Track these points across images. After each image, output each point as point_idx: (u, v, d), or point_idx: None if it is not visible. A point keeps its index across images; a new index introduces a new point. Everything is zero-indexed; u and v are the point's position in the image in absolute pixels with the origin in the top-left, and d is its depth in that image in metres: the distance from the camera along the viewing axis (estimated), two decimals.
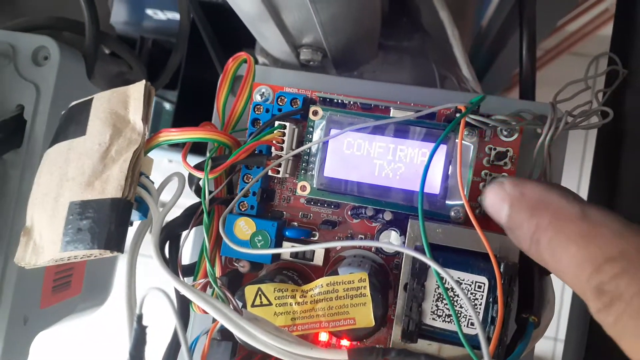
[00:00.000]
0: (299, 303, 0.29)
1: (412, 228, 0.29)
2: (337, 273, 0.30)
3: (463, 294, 0.25)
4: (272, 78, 0.36)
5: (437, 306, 0.28)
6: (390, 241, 0.32)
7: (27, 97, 0.39)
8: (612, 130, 0.36)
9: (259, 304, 0.29)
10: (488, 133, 0.32)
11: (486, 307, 0.27)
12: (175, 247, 0.32)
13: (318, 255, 0.34)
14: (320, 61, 0.42)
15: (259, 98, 0.35)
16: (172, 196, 0.30)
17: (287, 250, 0.33)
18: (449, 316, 0.28)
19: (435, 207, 0.31)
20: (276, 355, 0.26)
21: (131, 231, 0.28)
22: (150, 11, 0.79)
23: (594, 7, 1.12)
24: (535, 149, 0.31)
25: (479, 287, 0.27)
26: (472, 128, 0.31)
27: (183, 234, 0.32)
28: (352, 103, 0.34)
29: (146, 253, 0.27)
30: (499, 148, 0.32)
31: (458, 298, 0.27)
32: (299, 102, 0.34)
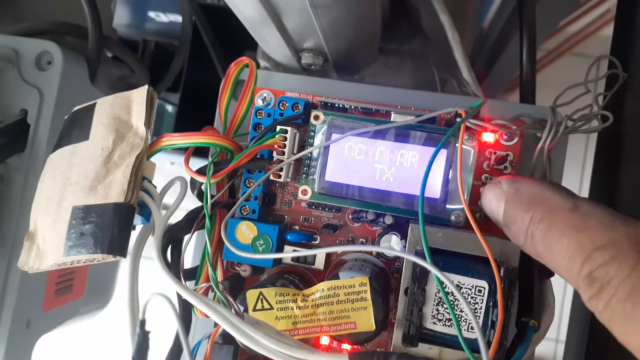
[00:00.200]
0: (300, 307, 0.29)
1: (413, 232, 0.29)
2: (338, 277, 0.30)
3: (462, 299, 0.25)
4: (274, 82, 0.36)
5: (438, 310, 0.28)
6: (391, 245, 0.32)
7: (31, 102, 0.40)
8: (613, 133, 0.36)
9: (261, 308, 0.29)
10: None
11: (486, 311, 0.27)
12: (177, 251, 0.32)
13: (319, 259, 0.34)
14: (321, 65, 0.42)
15: (261, 102, 0.35)
16: (175, 200, 0.30)
17: (289, 255, 0.33)
18: (450, 320, 0.28)
19: (435, 211, 0.31)
20: (278, 359, 0.27)
21: (133, 235, 0.29)
22: (152, 14, 0.79)
23: (596, 8, 1.12)
24: (535, 153, 0.31)
25: (479, 291, 0.28)
26: (472, 132, 0.31)
27: (185, 238, 0.32)
28: (353, 107, 0.34)
29: (148, 255, 0.28)
30: (499, 152, 0.33)
31: (458, 302, 0.27)
32: (301, 107, 0.34)
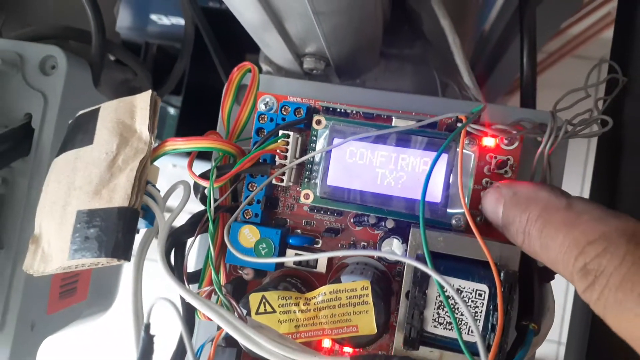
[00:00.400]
0: (302, 311, 0.29)
1: (414, 236, 0.30)
2: (340, 281, 0.30)
3: (462, 303, 0.25)
4: (276, 87, 0.37)
5: (439, 314, 0.28)
6: (392, 249, 0.32)
7: (35, 106, 0.40)
8: (613, 137, 0.36)
9: (263, 312, 0.30)
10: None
11: (487, 315, 0.28)
12: (180, 255, 0.33)
13: (321, 262, 0.34)
14: (323, 69, 0.42)
15: (263, 107, 0.36)
16: (178, 205, 0.30)
17: (291, 259, 0.33)
18: (450, 324, 0.28)
19: (436, 215, 0.31)
20: None
21: (137, 239, 0.29)
22: (154, 16, 0.80)
23: (598, 10, 1.12)
24: (535, 157, 0.31)
25: (480, 295, 0.28)
26: (473, 137, 0.32)
27: (188, 241, 0.33)
28: (355, 112, 0.34)
29: (152, 257, 0.28)
30: (500, 156, 0.33)
31: (459, 306, 0.28)
32: (303, 112, 0.34)
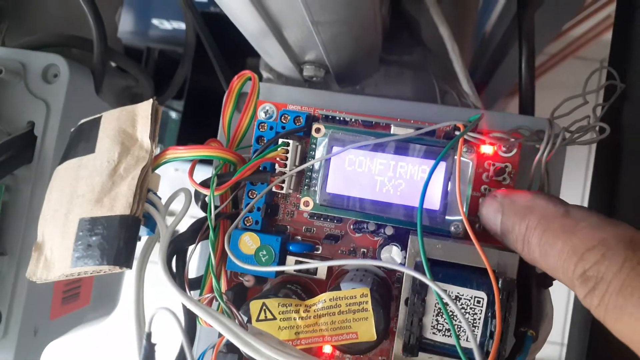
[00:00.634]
0: (303, 317, 0.30)
1: (413, 244, 0.30)
2: (340, 288, 0.30)
3: (459, 312, 0.25)
4: (276, 95, 0.37)
5: (437, 320, 0.28)
6: (391, 256, 0.32)
7: (38, 114, 0.40)
8: (611, 143, 0.36)
9: (264, 319, 0.30)
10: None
11: (485, 322, 0.28)
12: (182, 262, 0.33)
13: (321, 269, 0.34)
14: (323, 77, 0.42)
15: (263, 115, 0.36)
16: (179, 212, 0.31)
17: (291, 267, 0.33)
18: (449, 330, 0.28)
19: (435, 223, 0.32)
20: None
21: (139, 246, 0.29)
22: (156, 21, 0.80)
23: (599, 12, 1.12)
24: (533, 165, 0.31)
25: (478, 302, 0.28)
26: (471, 145, 0.32)
27: (190, 248, 0.33)
28: (354, 120, 0.35)
29: (153, 259, 0.28)
30: (498, 163, 0.33)
31: (457, 313, 0.28)
32: (302, 120, 0.34)
